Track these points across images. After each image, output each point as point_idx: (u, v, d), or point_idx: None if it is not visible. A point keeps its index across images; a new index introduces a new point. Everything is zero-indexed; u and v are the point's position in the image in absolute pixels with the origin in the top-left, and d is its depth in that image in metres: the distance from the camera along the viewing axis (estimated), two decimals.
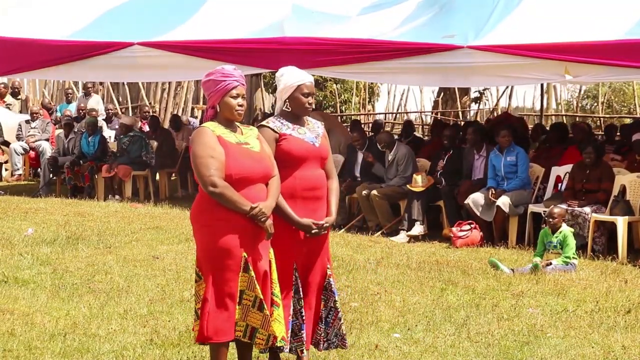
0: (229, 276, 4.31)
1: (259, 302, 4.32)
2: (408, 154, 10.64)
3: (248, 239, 4.33)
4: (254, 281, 4.32)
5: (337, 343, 4.88)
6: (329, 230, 4.85)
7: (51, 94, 21.93)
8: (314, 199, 4.72)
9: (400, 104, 24.51)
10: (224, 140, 4.35)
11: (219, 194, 4.26)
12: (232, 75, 4.43)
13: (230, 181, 4.30)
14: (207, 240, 4.35)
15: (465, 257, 8.74)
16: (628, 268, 8.23)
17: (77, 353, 5.22)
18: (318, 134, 4.82)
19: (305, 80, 4.76)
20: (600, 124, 21.47)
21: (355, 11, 11.40)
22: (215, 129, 4.38)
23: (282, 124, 4.75)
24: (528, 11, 9.83)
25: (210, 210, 4.33)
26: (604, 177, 9.27)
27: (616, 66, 8.98)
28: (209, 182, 4.26)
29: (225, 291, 4.31)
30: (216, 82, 4.42)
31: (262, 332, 4.34)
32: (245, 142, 4.43)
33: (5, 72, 13.22)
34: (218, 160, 4.28)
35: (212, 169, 4.26)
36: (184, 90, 21.75)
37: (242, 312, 4.34)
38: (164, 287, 6.93)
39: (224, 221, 4.30)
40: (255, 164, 4.39)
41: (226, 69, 4.46)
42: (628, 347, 5.56)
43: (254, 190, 4.37)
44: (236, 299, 4.33)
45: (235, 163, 4.32)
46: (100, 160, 13.22)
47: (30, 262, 7.80)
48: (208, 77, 4.47)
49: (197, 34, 11.22)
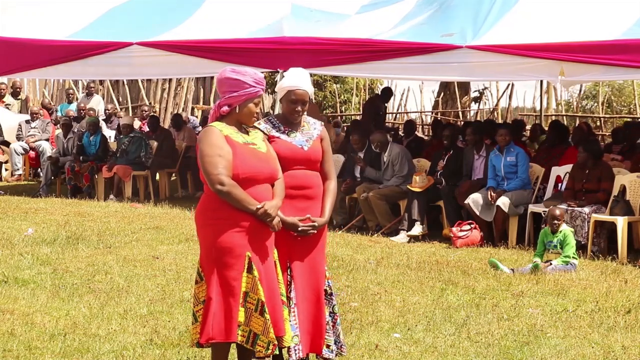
0: (233, 275, 4.29)
1: (261, 306, 4.30)
2: (402, 153, 10.65)
3: (252, 238, 4.33)
4: (257, 283, 4.30)
5: (336, 351, 4.82)
6: (324, 231, 4.82)
7: (51, 94, 21.94)
8: (302, 198, 4.68)
9: (400, 104, 24.52)
10: (231, 139, 4.35)
11: (226, 193, 4.26)
12: (262, 84, 4.44)
13: (237, 180, 4.29)
14: (211, 239, 4.34)
15: (465, 257, 8.74)
16: (628, 268, 8.23)
17: (77, 353, 5.21)
18: (311, 137, 4.76)
19: (295, 87, 4.69)
20: (600, 124, 21.47)
21: (354, 9, 11.42)
22: (223, 128, 4.38)
23: (274, 126, 4.74)
24: (526, 11, 9.85)
25: (215, 209, 4.33)
26: (604, 177, 9.27)
27: (613, 66, 9.00)
28: (217, 180, 4.25)
29: (229, 290, 4.30)
30: (245, 85, 4.38)
31: (262, 338, 4.30)
32: (252, 143, 4.43)
33: (5, 72, 13.23)
34: (226, 159, 4.28)
35: (220, 167, 4.26)
36: (184, 90, 21.75)
37: (246, 315, 4.32)
38: (164, 287, 6.92)
39: (228, 220, 4.30)
40: (262, 164, 4.39)
41: (259, 75, 4.43)
42: (628, 347, 5.56)
43: (260, 190, 4.37)
44: (239, 299, 4.31)
45: (242, 162, 4.32)
46: (101, 160, 13.24)
47: (30, 262, 7.80)
48: (235, 75, 4.40)
49: (196, 33, 11.23)
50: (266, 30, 10.92)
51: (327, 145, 4.86)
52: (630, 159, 10.54)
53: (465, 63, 9.70)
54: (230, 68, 4.48)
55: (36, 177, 15.74)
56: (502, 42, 9.43)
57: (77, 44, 11.71)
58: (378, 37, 10.30)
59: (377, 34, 10.37)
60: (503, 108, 23.27)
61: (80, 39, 11.77)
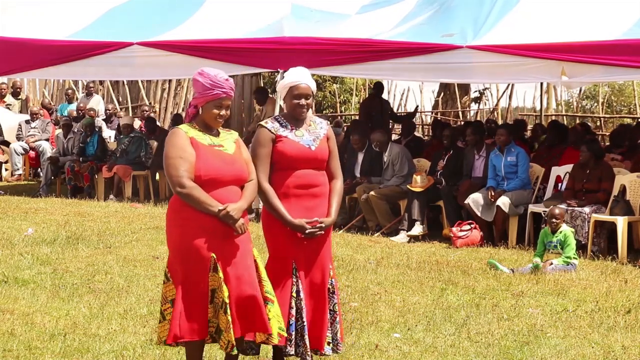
0: (199, 277, 4.32)
1: (224, 305, 4.31)
2: (402, 152, 10.66)
3: (217, 240, 4.33)
4: (222, 284, 4.31)
5: (333, 348, 4.84)
6: (330, 230, 4.83)
7: (51, 94, 21.93)
8: (308, 197, 4.69)
9: (400, 103, 24.50)
10: (196, 141, 4.37)
11: (186, 195, 4.28)
12: (222, 85, 4.41)
13: (200, 182, 4.31)
14: (177, 240, 4.38)
15: (465, 257, 8.74)
16: (628, 268, 8.23)
17: (77, 353, 5.21)
18: (317, 136, 4.78)
19: (297, 82, 4.71)
20: (600, 124, 21.46)
21: (354, 9, 11.42)
22: (189, 130, 4.41)
23: (281, 125, 4.75)
24: (526, 11, 9.85)
25: (180, 211, 4.36)
26: (604, 177, 9.27)
27: (614, 66, 9.00)
28: (177, 182, 4.28)
29: (196, 291, 4.33)
30: (205, 87, 4.41)
31: (224, 335, 4.33)
32: (219, 145, 4.43)
33: (5, 72, 13.23)
34: (187, 161, 4.30)
35: (181, 170, 4.28)
36: (184, 90, 21.74)
37: (214, 310, 4.36)
38: None
39: (193, 221, 4.31)
40: (225, 166, 4.38)
41: (218, 77, 4.42)
42: (628, 347, 5.56)
43: (225, 192, 4.36)
44: (207, 299, 4.35)
45: (204, 164, 4.33)
46: (100, 160, 13.24)
47: (30, 262, 7.80)
48: (198, 77, 4.43)
49: (196, 33, 11.23)
50: (266, 30, 10.92)
51: (333, 144, 4.87)
52: (630, 159, 10.54)
53: (466, 63, 9.69)
54: (200, 70, 4.48)
55: (36, 177, 15.75)
56: (503, 42, 9.43)
57: (77, 44, 11.71)
58: (378, 37, 10.29)
59: (377, 34, 10.37)
60: (503, 108, 23.26)
61: (81, 39, 11.78)
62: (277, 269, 4.69)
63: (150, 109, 18.87)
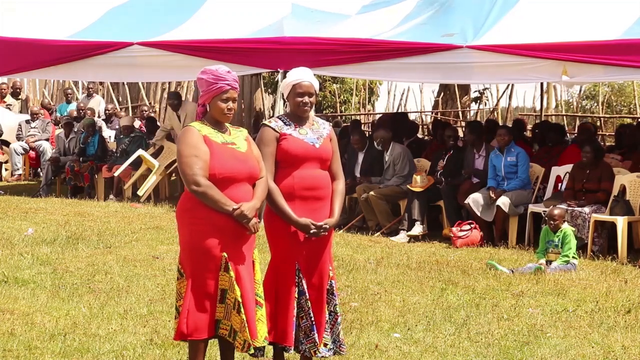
0: (209, 275, 4.32)
1: (237, 305, 4.31)
2: (403, 152, 10.66)
3: (228, 239, 4.33)
4: (234, 283, 4.31)
5: (335, 349, 4.84)
6: (332, 232, 4.83)
7: (51, 94, 21.94)
8: (313, 199, 4.70)
9: (400, 103, 24.49)
10: (209, 139, 4.36)
11: (201, 193, 4.27)
12: (225, 78, 4.41)
13: (214, 180, 4.30)
14: (189, 239, 4.37)
15: (465, 257, 8.74)
16: (628, 268, 8.23)
17: (77, 353, 5.22)
18: (321, 135, 4.78)
19: (300, 79, 4.72)
20: (600, 124, 21.46)
21: (355, 9, 11.42)
22: (202, 128, 4.40)
23: (285, 124, 4.74)
24: (526, 11, 9.85)
25: (192, 209, 4.34)
26: (604, 177, 9.27)
27: (615, 66, 8.99)
28: (192, 180, 4.27)
29: (205, 290, 4.33)
30: (208, 83, 4.41)
31: (240, 335, 4.33)
32: (232, 142, 4.43)
33: (5, 72, 13.22)
34: (202, 159, 4.29)
35: (196, 168, 4.26)
36: (184, 90, 21.72)
37: (226, 311, 4.35)
38: (164, 287, 6.93)
39: (205, 220, 4.31)
40: (239, 164, 4.38)
41: (220, 71, 4.43)
42: (628, 347, 5.57)
43: (239, 190, 4.36)
44: (216, 298, 4.34)
45: (219, 162, 4.32)
46: (100, 161, 13.24)
47: (30, 262, 7.80)
48: (201, 75, 4.45)
49: (196, 33, 11.22)
50: (266, 30, 10.92)
51: (336, 145, 4.88)
52: (630, 159, 10.54)
53: (466, 63, 9.69)
54: (202, 69, 4.49)
55: (36, 177, 15.75)
56: (503, 42, 9.43)
57: (77, 44, 11.70)
58: (378, 37, 10.29)
59: (378, 34, 10.36)
60: (503, 108, 23.26)
61: (81, 39, 11.77)
62: (280, 270, 4.69)
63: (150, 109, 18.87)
